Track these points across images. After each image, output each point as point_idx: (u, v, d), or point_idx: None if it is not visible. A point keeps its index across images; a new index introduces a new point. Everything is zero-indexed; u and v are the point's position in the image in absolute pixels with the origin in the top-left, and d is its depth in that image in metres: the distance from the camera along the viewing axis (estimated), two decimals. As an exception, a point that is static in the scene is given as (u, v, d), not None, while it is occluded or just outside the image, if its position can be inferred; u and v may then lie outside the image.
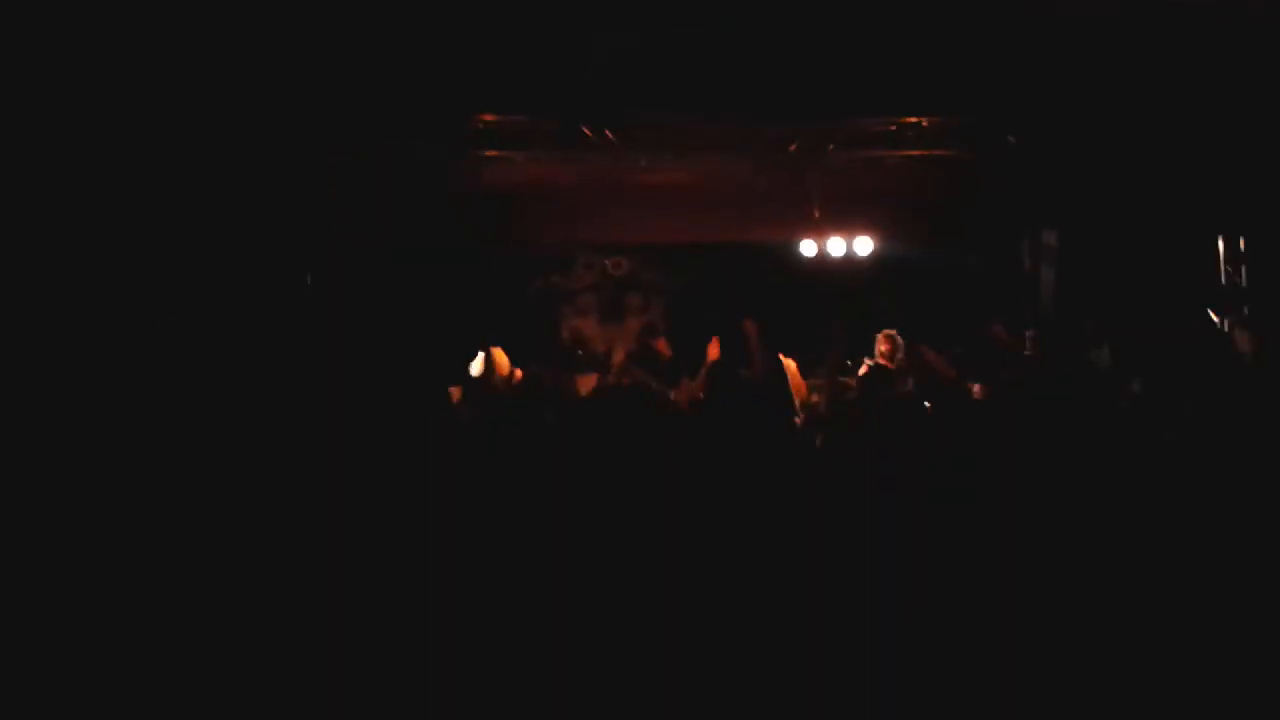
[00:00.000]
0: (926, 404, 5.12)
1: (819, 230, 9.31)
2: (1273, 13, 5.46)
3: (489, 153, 7.26)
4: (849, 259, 9.39)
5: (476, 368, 6.84)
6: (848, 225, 9.27)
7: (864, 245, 9.33)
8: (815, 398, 6.44)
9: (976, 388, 5.71)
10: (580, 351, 9.50)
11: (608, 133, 7.40)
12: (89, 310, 5.23)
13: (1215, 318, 6.41)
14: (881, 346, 7.54)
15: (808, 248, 9.49)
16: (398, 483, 4.02)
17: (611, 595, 3.51)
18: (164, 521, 4.00)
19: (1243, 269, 6.48)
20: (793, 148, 7.87)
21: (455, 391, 6.22)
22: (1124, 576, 3.55)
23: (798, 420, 5.73)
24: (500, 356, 6.83)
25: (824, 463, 4.52)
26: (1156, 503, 3.84)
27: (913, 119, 7.55)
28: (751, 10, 6.10)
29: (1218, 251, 6.43)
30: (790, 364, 7.19)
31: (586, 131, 7.23)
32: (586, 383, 6.81)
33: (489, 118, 6.85)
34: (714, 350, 6.43)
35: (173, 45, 5.45)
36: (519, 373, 6.82)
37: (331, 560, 3.59)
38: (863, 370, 7.37)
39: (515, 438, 4.55)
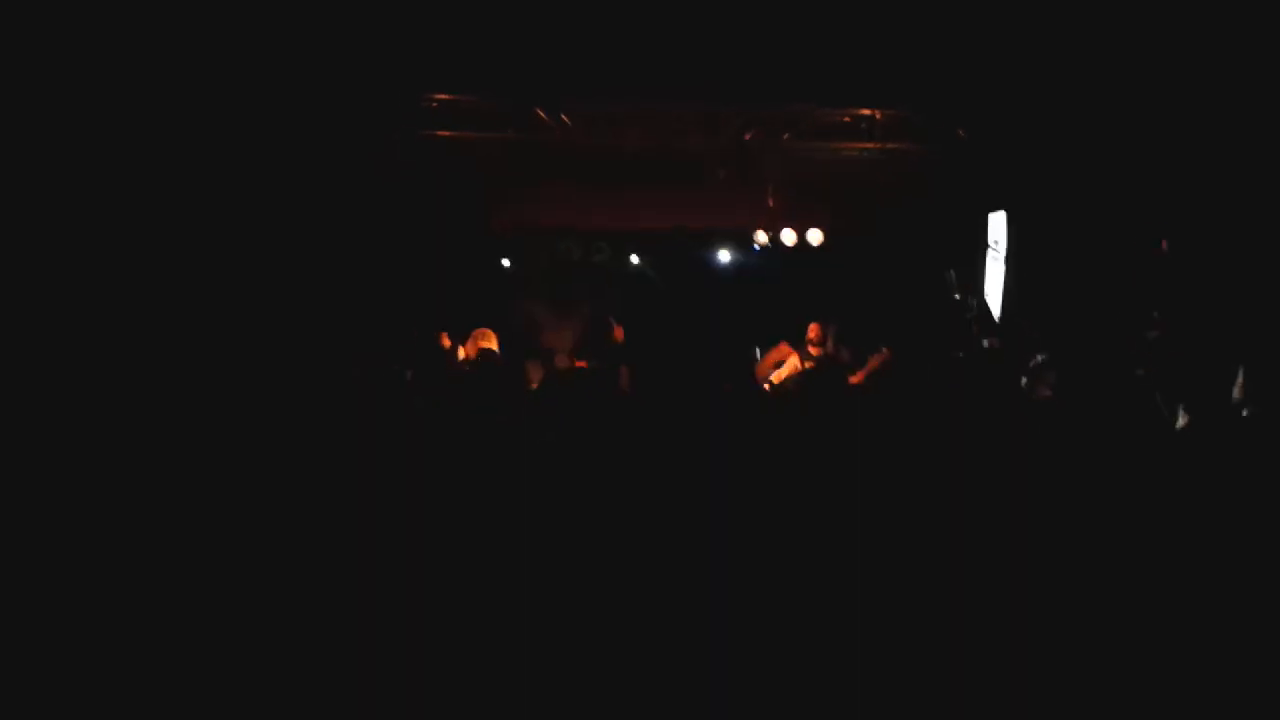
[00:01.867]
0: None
1: (773, 219, 9.37)
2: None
3: (441, 133, 7.17)
4: (802, 249, 9.48)
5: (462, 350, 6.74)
6: (801, 215, 9.35)
7: (816, 236, 9.43)
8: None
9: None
10: (531, 338, 9.45)
11: (563, 116, 7.36)
12: (93, 307, 5.19)
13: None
14: (811, 334, 7.70)
15: (761, 236, 9.56)
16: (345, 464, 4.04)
17: (567, 578, 3.54)
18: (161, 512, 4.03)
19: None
20: (748, 136, 7.89)
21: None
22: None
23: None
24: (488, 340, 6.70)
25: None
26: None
27: (867, 111, 7.62)
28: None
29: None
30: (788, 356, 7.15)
31: (541, 114, 7.18)
32: (535, 370, 6.80)
33: (442, 97, 6.77)
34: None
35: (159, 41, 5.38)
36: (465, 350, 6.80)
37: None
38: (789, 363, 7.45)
39: (468, 426, 4.56)
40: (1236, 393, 4.24)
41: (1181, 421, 4.34)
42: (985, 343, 7.56)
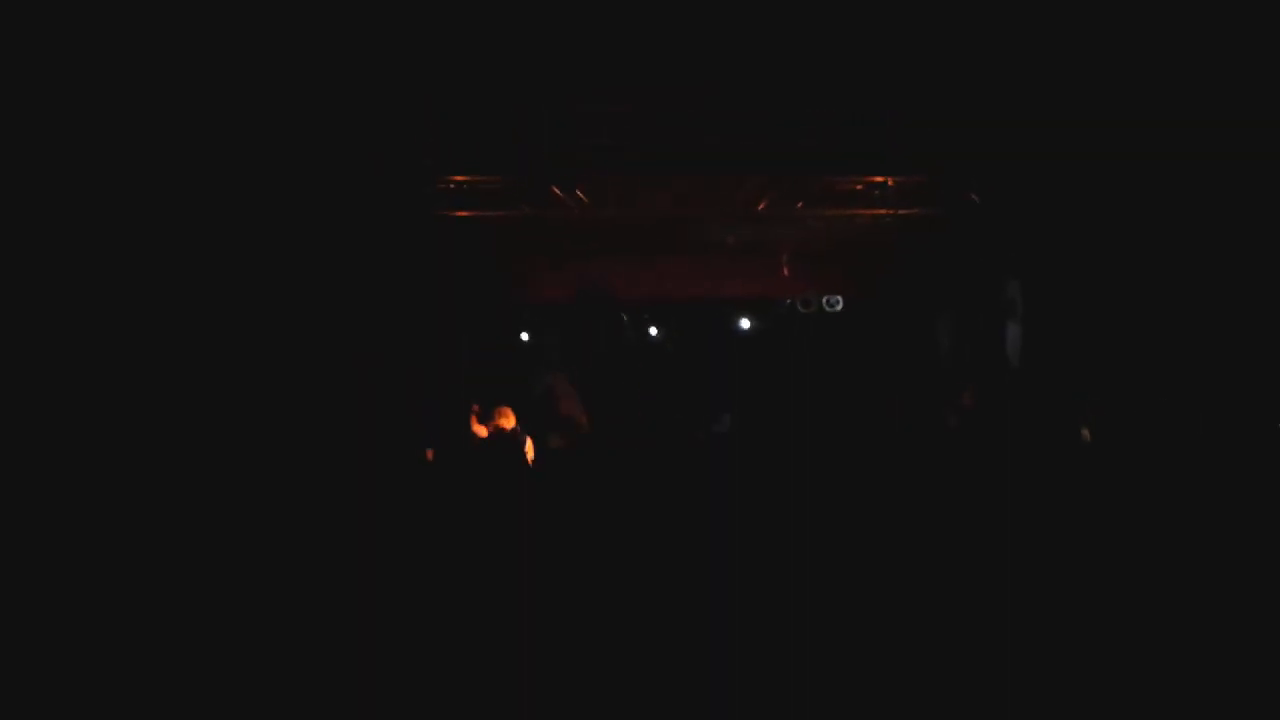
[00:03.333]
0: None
1: (789, 286, 9.44)
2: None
3: (458, 214, 7.30)
4: (819, 314, 9.52)
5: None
6: (817, 281, 9.41)
7: (833, 301, 9.48)
8: None
9: None
10: (550, 410, 9.50)
11: (578, 192, 7.46)
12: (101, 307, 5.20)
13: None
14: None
15: (778, 303, 9.65)
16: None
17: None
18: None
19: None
20: (761, 206, 7.97)
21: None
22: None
23: None
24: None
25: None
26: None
27: (879, 178, 7.67)
28: (720, 70, 6.20)
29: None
30: None
31: (556, 191, 7.29)
32: (557, 441, 6.81)
33: (458, 179, 6.90)
34: None
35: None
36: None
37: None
38: None
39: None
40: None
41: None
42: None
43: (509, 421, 6.38)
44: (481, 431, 6.82)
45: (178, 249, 5.59)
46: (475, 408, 6.61)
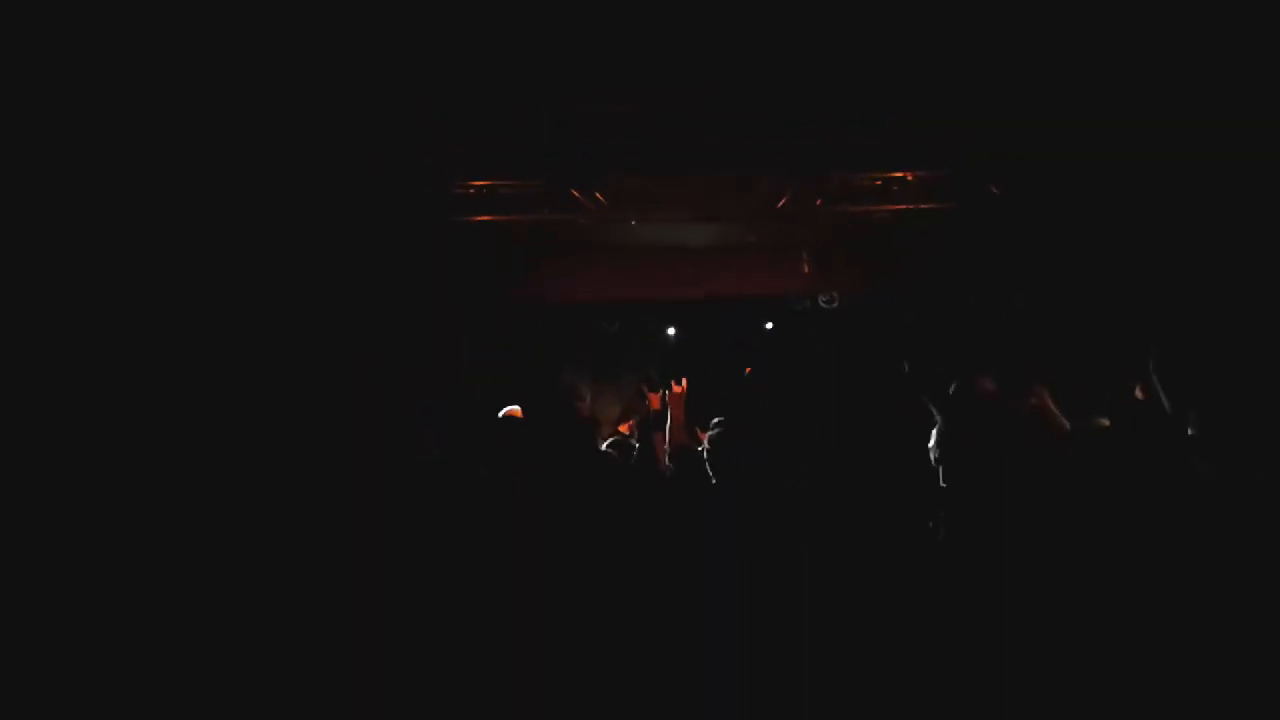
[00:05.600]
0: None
1: (810, 283, 9.42)
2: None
3: (479, 218, 7.32)
4: (839, 310, 9.51)
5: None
6: (838, 278, 9.39)
7: (854, 297, 9.46)
8: None
9: None
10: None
11: (597, 194, 7.47)
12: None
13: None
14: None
15: (799, 301, 9.63)
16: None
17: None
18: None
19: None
20: (781, 204, 7.94)
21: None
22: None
23: None
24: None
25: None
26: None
27: (898, 174, 7.64)
28: (737, 68, 6.18)
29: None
30: None
31: (575, 194, 7.31)
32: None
33: (478, 184, 6.92)
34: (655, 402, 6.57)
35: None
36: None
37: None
38: None
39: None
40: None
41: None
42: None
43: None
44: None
45: (185, 238, 5.55)
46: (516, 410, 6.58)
